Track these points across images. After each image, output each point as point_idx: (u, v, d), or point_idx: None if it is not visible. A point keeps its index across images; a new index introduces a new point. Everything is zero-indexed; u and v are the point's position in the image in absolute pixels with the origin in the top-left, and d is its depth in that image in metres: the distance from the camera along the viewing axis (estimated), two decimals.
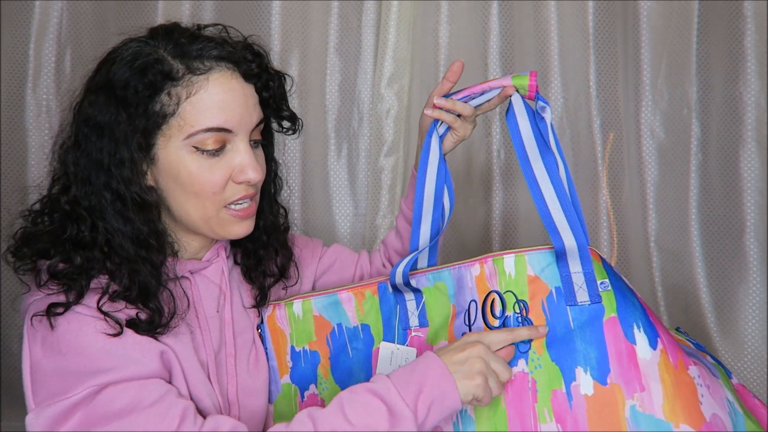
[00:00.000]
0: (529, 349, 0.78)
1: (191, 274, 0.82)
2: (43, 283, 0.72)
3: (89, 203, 0.74)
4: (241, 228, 0.80)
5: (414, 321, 0.86)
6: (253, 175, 0.76)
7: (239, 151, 0.76)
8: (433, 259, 0.92)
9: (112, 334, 0.70)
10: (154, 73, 0.72)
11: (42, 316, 0.70)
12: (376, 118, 1.37)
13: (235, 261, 0.90)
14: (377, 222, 1.38)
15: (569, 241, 0.77)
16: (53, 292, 0.71)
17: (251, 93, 0.78)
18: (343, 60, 1.41)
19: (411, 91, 1.38)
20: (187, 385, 0.76)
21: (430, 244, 0.89)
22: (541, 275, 0.79)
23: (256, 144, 0.81)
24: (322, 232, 1.43)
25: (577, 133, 1.38)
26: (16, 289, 1.35)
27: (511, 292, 0.80)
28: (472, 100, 0.87)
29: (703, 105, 1.34)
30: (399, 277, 0.85)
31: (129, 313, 0.73)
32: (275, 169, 0.91)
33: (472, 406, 0.78)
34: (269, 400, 0.90)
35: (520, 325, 0.79)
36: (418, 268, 0.89)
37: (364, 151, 1.43)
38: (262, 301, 0.90)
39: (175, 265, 0.79)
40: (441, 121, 0.89)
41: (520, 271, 0.80)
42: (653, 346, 0.74)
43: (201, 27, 0.80)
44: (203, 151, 0.74)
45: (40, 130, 1.36)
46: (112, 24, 1.38)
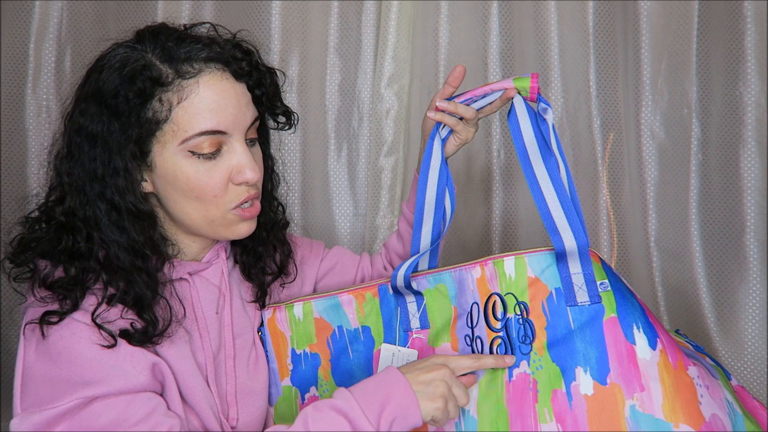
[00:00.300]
0: (530, 350, 0.78)
1: (190, 275, 0.82)
2: (39, 295, 0.72)
3: (84, 213, 0.73)
4: (245, 227, 0.80)
5: (415, 323, 0.86)
6: (251, 174, 0.76)
7: (236, 152, 0.75)
8: (434, 261, 0.92)
9: (105, 346, 0.70)
10: (143, 79, 0.71)
11: (35, 324, 0.70)
12: (376, 118, 1.37)
13: (235, 260, 0.90)
14: (377, 222, 1.38)
15: (569, 242, 0.78)
16: (48, 301, 0.71)
17: (243, 92, 0.77)
18: (343, 60, 1.40)
19: (411, 91, 1.38)
20: (183, 391, 0.76)
21: (431, 247, 0.89)
22: (541, 277, 0.79)
23: (252, 142, 0.80)
24: (322, 232, 1.43)
25: (577, 133, 1.37)
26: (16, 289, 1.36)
27: (511, 294, 0.80)
28: (474, 102, 0.87)
29: (703, 105, 1.34)
30: (400, 279, 0.85)
31: (123, 324, 0.72)
32: (272, 165, 0.90)
33: (474, 406, 0.79)
34: (270, 403, 0.90)
35: (521, 326, 0.79)
36: (419, 271, 0.89)
37: (364, 151, 1.42)
38: (262, 296, 0.90)
39: (172, 269, 0.79)
40: (443, 125, 0.89)
41: (520, 272, 0.80)
42: (653, 346, 0.74)
43: (188, 27, 0.79)
44: (199, 155, 0.74)
45: (40, 130, 1.36)
46: (112, 24, 1.38)
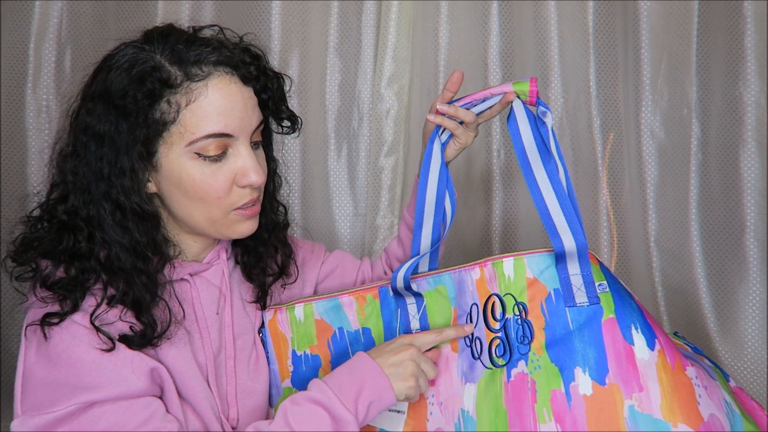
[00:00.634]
0: (529, 350, 0.78)
1: (191, 276, 0.82)
2: (39, 296, 0.72)
3: (87, 212, 0.73)
4: (247, 226, 0.80)
5: (415, 324, 0.86)
6: (256, 178, 0.76)
7: (241, 155, 0.76)
8: (434, 264, 0.93)
9: (104, 350, 0.70)
10: (153, 81, 0.71)
11: (37, 326, 0.70)
12: (376, 118, 1.37)
13: (236, 261, 0.90)
14: (377, 222, 1.38)
15: (569, 243, 0.78)
16: (49, 302, 0.71)
17: (250, 96, 0.77)
18: (343, 60, 1.40)
19: (411, 91, 1.38)
20: (184, 391, 0.77)
21: (431, 249, 0.89)
22: (540, 277, 0.79)
23: (256, 145, 0.80)
24: (322, 232, 1.43)
25: (577, 133, 1.37)
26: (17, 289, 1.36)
27: (510, 294, 0.80)
28: (473, 107, 0.87)
29: (703, 105, 1.34)
30: (400, 281, 0.85)
31: (123, 327, 0.72)
32: (274, 167, 0.90)
33: (473, 406, 0.80)
34: (270, 404, 0.90)
35: (520, 327, 0.79)
36: (420, 272, 0.89)
37: (364, 151, 1.43)
38: (263, 297, 0.90)
39: (173, 269, 0.79)
40: (443, 128, 0.89)
41: (519, 273, 0.80)
42: (651, 346, 0.74)
43: (197, 29, 0.79)
44: (205, 158, 0.74)
45: (40, 130, 1.36)
46: (112, 24, 1.38)
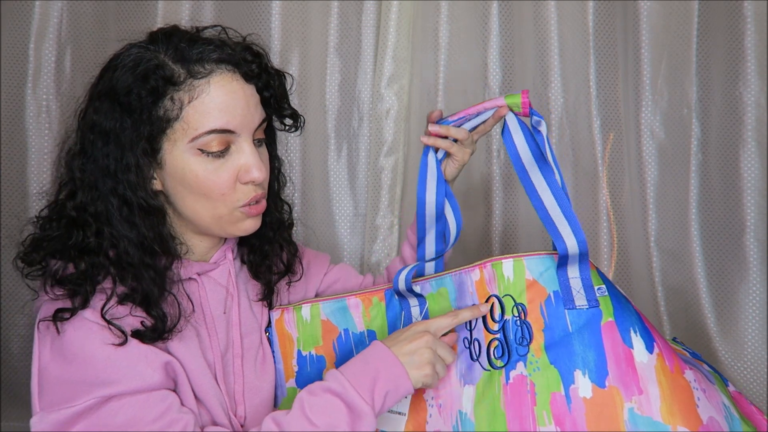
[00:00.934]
0: (528, 352, 0.78)
1: (198, 276, 0.84)
2: (49, 289, 0.73)
3: (95, 209, 0.75)
4: (251, 224, 0.82)
5: None
6: (258, 174, 0.78)
7: (244, 152, 0.77)
8: (438, 270, 0.94)
9: (117, 344, 0.71)
10: (156, 78, 0.73)
11: (49, 322, 0.71)
12: (376, 118, 1.37)
13: (242, 261, 0.91)
14: (377, 222, 1.38)
15: (572, 247, 0.78)
16: (60, 297, 0.72)
17: (252, 93, 0.79)
18: (343, 60, 1.40)
19: (411, 91, 1.38)
20: (194, 388, 0.78)
21: (435, 257, 0.90)
22: (539, 279, 0.79)
23: (259, 143, 0.82)
24: (322, 232, 1.43)
25: (577, 133, 1.37)
26: (17, 289, 1.37)
27: (509, 295, 0.80)
28: (467, 122, 0.88)
29: (703, 105, 1.34)
30: (402, 283, 0.86)
31: (134, 322, 0.74)
32: (278, 166, 0.92)
33: (472, 408, 0.80)
34: (275, 404, 0.91)
35: (519, 328, 0.80)
36: (424, 275, 0.90)
37: (364, 151, 1.42)
38: (269, 294, 0.91)
39: (181, 268, 0.80)
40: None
41: (519, 275, 0.80)
42: (650, 350, 0.74)
43: (200, 29, 0.81)
44: (208, 153, 0.76)
45: (40, 131, 1.36)
46: (112, 24, 1.38)
